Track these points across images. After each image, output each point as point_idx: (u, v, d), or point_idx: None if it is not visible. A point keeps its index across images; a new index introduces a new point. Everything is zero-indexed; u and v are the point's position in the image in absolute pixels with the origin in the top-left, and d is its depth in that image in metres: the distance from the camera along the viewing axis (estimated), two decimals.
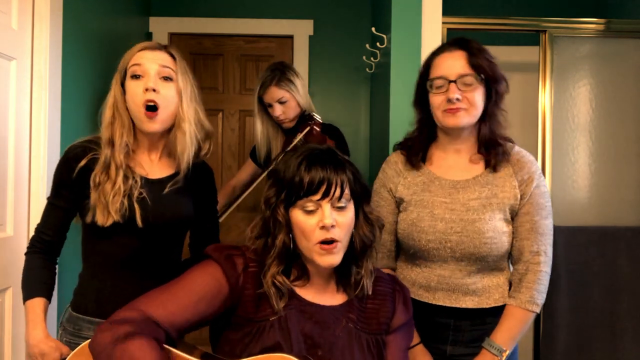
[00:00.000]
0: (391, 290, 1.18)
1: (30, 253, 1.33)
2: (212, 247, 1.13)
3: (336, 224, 1.06)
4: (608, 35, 2.27)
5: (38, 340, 1.25)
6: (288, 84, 2.08)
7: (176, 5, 3.07)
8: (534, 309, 1.33)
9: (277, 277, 1.08)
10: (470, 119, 1.33)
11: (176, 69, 1.34)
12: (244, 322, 1.07)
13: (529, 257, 1.34)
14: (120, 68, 1.35)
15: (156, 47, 1.35)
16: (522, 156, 1.40)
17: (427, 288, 1.38)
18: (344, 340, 1.09)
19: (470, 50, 1.34)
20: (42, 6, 1.79)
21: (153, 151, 1.39)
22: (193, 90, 1.37)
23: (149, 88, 1.28)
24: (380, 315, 1.15)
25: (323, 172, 1.06)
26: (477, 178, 1.38)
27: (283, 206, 1.09)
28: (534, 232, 1.35)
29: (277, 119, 2.10)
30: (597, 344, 2.13)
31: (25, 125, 1.78)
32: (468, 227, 1.33)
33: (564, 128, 2.25)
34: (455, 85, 1.31)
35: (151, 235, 1.31)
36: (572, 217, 2.21)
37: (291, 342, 1.04)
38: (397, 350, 1.16)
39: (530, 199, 1.35)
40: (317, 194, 1.05)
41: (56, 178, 1.33)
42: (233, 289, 1.07)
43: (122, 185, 1.27)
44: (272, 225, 1.10)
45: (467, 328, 1.37)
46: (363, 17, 3.04)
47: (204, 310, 1.05)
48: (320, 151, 1.11)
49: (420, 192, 1.40)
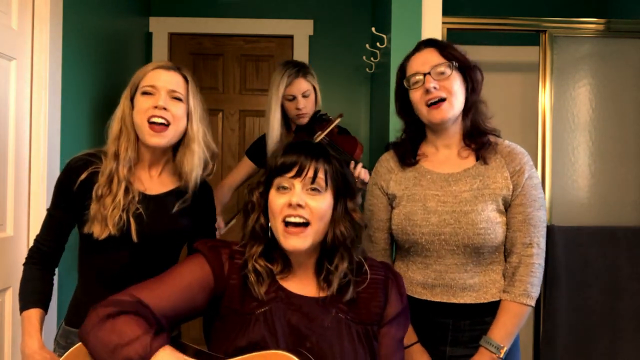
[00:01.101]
0: (384, 278, 1.17)
1: (29, 264, 1.35)
2: (199, 241, 1.16)
3: (305, 205, 1.07)
4: (608, 35, 2.27)
5: (33, 351, 1.26)
6: (312, 78, 2.11)
7: (176, 5, 3.07)
8: (528, 302, 1.33)
9: (258, 260, 1.10)
10: (454, 110, 1.35)
11: (187, 91, 1.37)
12: (230, 313, 1.08)
13: (521, 249, 1.35)
14: (132, 84, 1.37)
15: (170, 67, 1.37)
16: (513, 148, 1.42)
17: (424, 285, 1.38)
18: (333, 331, 1.08)
19: (439, 45, 1.39)
20: (42, 6, 1.79)
21: (154, 167, 1.40)
22: (202, 112, 1.40)
23: (159, 106, 1.30)
24: (372, 305, 1.14)
25: (299, 155, 1.09)
26: (468, 170, 1.39)
27: (260, 191, 1.14)
28: (527, 223, 1.35)
29: (297, 112, 2.08)
30: (597, 344, 2.13)
31: (25, 125, 1.78)
32: (461, 219, 1.34)
33: (564, 128, 2.25)
34: (430, 76, 1.34)
35: (146, 250, 1.33)
36: (572, 217, 2.21)
37: (277, 335, 1.05)
38: (391, 341, 1.15)
39: (523, 190, 1.36)
40: (291, 172, 1.08)
41: (57, 189, 1.35)
42: (218, 277, 1.09)
43: (122, 200, 1.29)
44: (249, 207, 1.14)
45: (466, 328, 1.37)
46: (363, 17, 3.04)
47: (191, 297, 1.07)
48: (306, 142, 1.16)
49: (412, 186, 1.41)
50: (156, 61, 1.39)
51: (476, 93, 1.40)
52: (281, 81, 2.07)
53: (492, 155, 1.39)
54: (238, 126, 3.14)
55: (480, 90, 1.41)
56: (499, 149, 1.40)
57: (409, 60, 1.43)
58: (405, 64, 1.43)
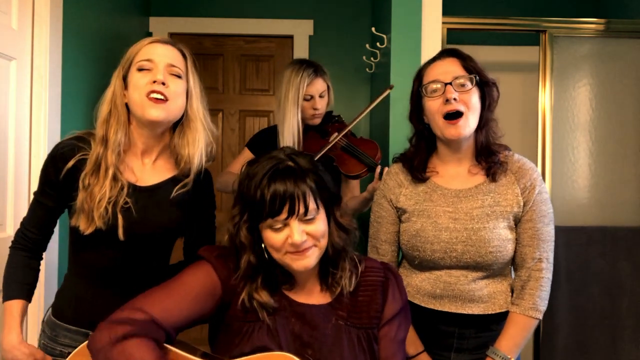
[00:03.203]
0: (382, 279, 1.17)
1: (15, 249, 1.29)
2: (204, 248, 1.14)
3: (307, 235, 1.05)
4: (608, 35, 2.27)
5: (12, 346, 1.22)
6: (327, 77, 2.07)
7: (176, 5, 3.07)
8: (536, 315, 1.33)
9: (255, 296, 1.07)
10: (469, 128, 1.33)
11: (186, 67, 1.28)
12: (236, 321, 1.08)
13: (531, 264, 1.34)
14: (124, 61, 1.27)
15: (168, 42, 1.28)
16: (523, 163, 1.40)
17: (432, 295, 1.37)
18: (332, 339, 1.09)
19: (461, 56, 1.36)
20: (42, 6, 1.80)
21: (147, 154, 1.30)
22: (202, 91, 1.31)
23: (158, 80, 1.21)
24: (371, 308, 1.14)
25: (283, 187, 1.03)
26: (479, 187, 1.37)
27: (247, 227, 1.08)
28: (536, 239, 1.35)
29: (314, 112, 2.03)
30: (597, 344, 2.14)
31: (25, 125, 1.78)
32: (473, 237, 1.32)
33: (564, 128, 2.25)
34: (452, 86, 1.31)
35: (135, 246, 1.26)
36: (572, 217, 2.21)
37: (280, 343, 1.05)
38: (391, 341, 1.15)
39: (533, 206, 1.35)
40: (282, 213, 1.03)
41: (43, 175, 1.27)
42: (226, 287, 1.08)
43: (108, 191, 1.19)
44: (238, 246, 1.09)
45: (471, 335, 1.37)
46: (363, 17, 3.04)
47: (201, 308, 1.07)
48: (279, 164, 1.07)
49: (422, 202, 1.39)
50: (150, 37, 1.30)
51: (491, 110, 1.37)
52: (301, 81, 2.00)
53: (502, 172, 1.38)
54: (238, 126, 3.14)
55: (495, 108, 1.39)
56: (509, 166, 1.39)
57: (428, 66, 1.38)
58: (423, 71, 1.39)
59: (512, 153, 1.42)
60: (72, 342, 1.26)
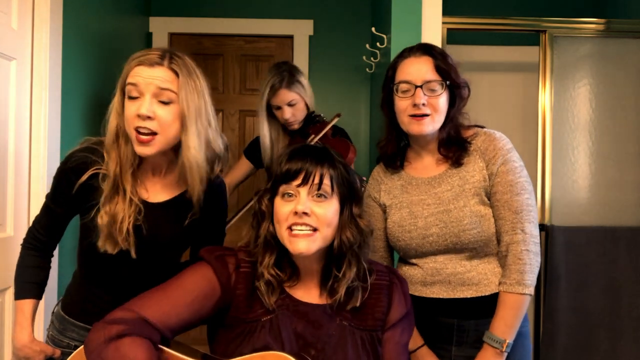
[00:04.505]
0: (387, 282, 1.16)
1: (26, 248, 1.31)
2: (204, 249, 1.13)
3: (311, 212, 1.06)
4: (608, 35, 2.28)
5: (23, 345, 1.26)
6: (297, 85, 2.05)
7: (176, 5, 3.07)
8: (523, 290, 1.29)
9: (271, 270, 1.09)
10: (434, 126, 1.35)
11: (178, 87, 1.14)
12: (236, 322, 1.08)
13: (507, 237, 1.33)
14: (121, 80, 1.19)
15: (154, 62, 1.13)
16: (488, 136, 1.39)
17: (424, 283, 1.39)
18: (336, 339, 1.08)
19: (435, 56, 1.36)
20: (42, 6, 1.79)
21: (157, 171, 1.27)
22: (200, 107, 1.17)
23: (142, 115, 1.11)
24: (376, 311, 1.13)
25: (304, 161, 1.08)
26: (447, 171, 1.39)
27: (268, 196, 1.12)
28: (507, 209, 1.33)
29: (286, 121, 2.07)
30: (597, 344, 2.14)
31: (25, 125, 1.78)
32: (445, 218, 1.34)
33: (564, 128, 2.25)
34: (422, 90, 1.33)
35: (146, 260, 1.26)
36: (572, 217, 2.21)
37: (282, 343, 1.05)
38: (395, 345, 1.15)
39: (497, 177, 1.34)
40: (296, 179, 1.07)
41: (55, 185, 1.26)
42: (225, 289, 1.08)
43: (127, 212, 1.18)
44: (259, 216, 1.12)
45: (471, 328, 1.36)
46: (363, 17, 3.04)
47: (198, 310, 1.06)
48: (309, 145, 1.14)
49: (399, 194, 1.43)
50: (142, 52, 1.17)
51: (458, 110, 1.39)
52: (264, 91, 2.05)
53: (465, 154, 1.38)
54: (238, 126, 3.14)
55: (463, 106, 1.41)
56: (473, 146, 1.39)
57: (402, 61, 1.39)
58: (397, 64, 1.40)
59: (482, 130, 1.42)
60: (79, 337, 1.30)
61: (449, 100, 1.37)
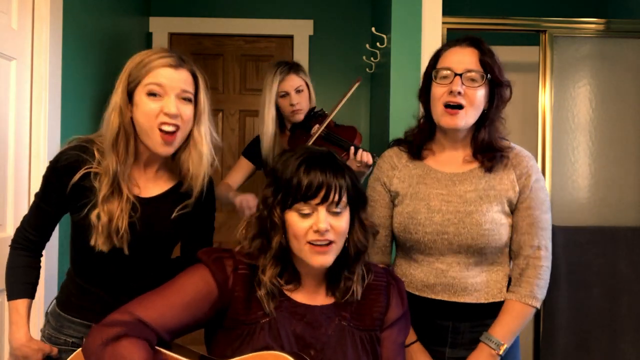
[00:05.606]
0: (385, 283, 1.18)
1: (16, 249, 1.30)
2: (202, 250, 1.13)
3: (330, 228, 1.05)
4: (608, 35, 2.27)
5: (21, 344, 1.26)
6: (305, 75, 2.12)
7: (176, 5, 3.07)
8: (533, 303, 1.32)
9: (273, 280, 1.08)
10: (467, 120, 1.33)
11: (196, 89, 1.25)
12: (234, 324, 1.08)
13: (530, 251, 1.34)
14: (131, 77, 1.21)
15: (179, 65, 1.22)
16: (520, 151, 1.41)
17: (426, 283, 1.37)
18: (335, 339, 1.09)
19: (482, 49, 1.34)
20: (42, 6, 1.79)
21: (150, 166, 1.29)
22: (208, 105, 1.28)
23: (171, 114, 1.18)
24: (374, 311, 1.14)
25: (322, 176, 1.04)
26: (474, 171, 1.38)
27: (279, 207, 1.08)
28: (535, 226, 1.34)
29: (292, 108, 2.07)
30: (597, 344, 2.13)
31: (25, 125, 1.78)
32: (465, 219, 1.32)
33: (564, 128, 2.25)
34: (460, 78, 1.30)
35: (139, 256, 1.28)
36: (572, 217, 2.21)
37: (282, 344, 1.05)
38: (392, 344, 1.16)
39: (531, 193, 1.35)
40: (316, 198, 1.04)
41: (45, 184, 1.27)
42: (222, 291, 1.07)
43: (124, 210, 1.21)
44: (269, 226, 1.09)
45: (466, 329, 1.36)
46: (363, 17, 3.04)
47: (195, 312, 1.06)
48: (320, 154, 1.10)
49: (415, 184, 1.39)
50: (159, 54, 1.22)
51: (498, 110, 1.37)
52: (274, 79, 2.08)
53: (500, 165, 1.37)
54: (238, 126, 3.14)
55: (503, 108, 1.38)
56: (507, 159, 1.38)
57: (447, 49, 1.37)
58: (441, 52, 1.38)
59: (511, 146, 1.42)
60: (76, 333, 1.30)
61: (487, 96, 1.34)
